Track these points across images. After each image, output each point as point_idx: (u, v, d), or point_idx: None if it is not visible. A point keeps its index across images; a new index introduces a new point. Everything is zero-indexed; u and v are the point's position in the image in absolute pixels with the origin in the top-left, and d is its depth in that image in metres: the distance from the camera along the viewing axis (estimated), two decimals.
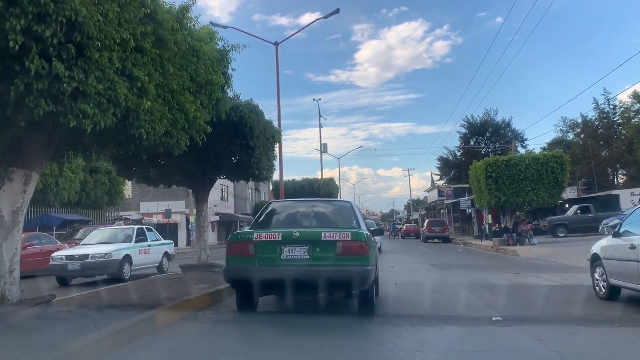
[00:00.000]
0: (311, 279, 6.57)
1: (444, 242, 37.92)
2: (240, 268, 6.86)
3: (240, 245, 6.91)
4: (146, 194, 44.18)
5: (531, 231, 26.87)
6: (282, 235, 6.75)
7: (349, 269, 6.54)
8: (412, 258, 21.68)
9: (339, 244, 6.59)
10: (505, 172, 25.33)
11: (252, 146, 11.71)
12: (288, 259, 6.63)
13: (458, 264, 17.83)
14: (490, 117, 57.89)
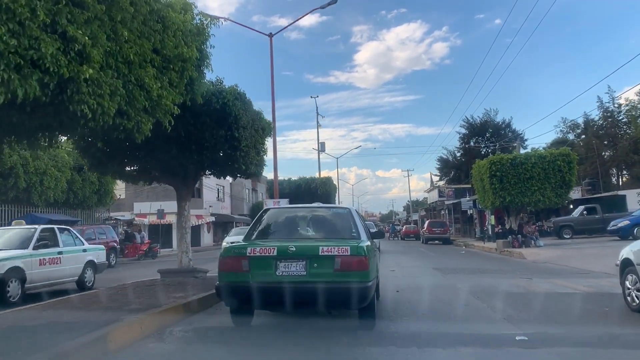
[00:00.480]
0: (308, 297, 6.18)
1: (444, 243, 36.70)
2: (233, 285, 6.38)
3: (233, 261, 6.43)
4: (140, 194, 42.97)
5: (537, 233, 25.61)
6: (277, 250, 6.30)
7: (348, 286, 6.09)
8: (413, 261, 20.44)
9: (338, 259, 6.13)
10: (510, 171, 24.07)
11: (238, 138, 10.45)
12: (284, 275, 6.18)
13: (463, 268, 16.58)
14: (490, 117, 56.95)
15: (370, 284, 6.26)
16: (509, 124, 57.39)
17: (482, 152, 55.78)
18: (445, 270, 15.60)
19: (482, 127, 55.86)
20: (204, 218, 44.59)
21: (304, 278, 6.12)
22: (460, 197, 42.56)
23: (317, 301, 6.11)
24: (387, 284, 11.39)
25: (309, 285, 6.08)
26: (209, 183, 46.77)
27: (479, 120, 56.33)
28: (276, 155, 21.81)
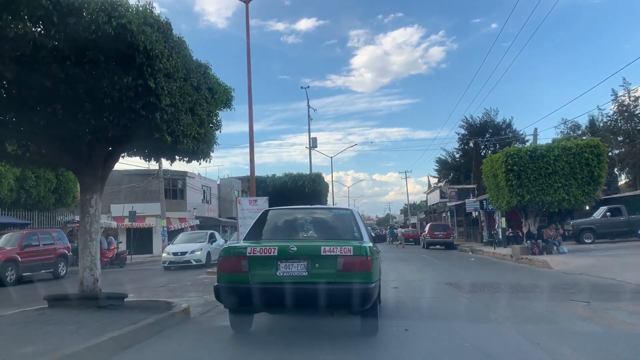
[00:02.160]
0: (309, 298, 5.75)
1: (447, 248, 32.76)
2: (232, 286, 5.94)
3: (232, 261, 5.97)
4: (116, 195, 38.95)
5: (559, 237, 21.68)
6: (278, 249, 5.87)
7: (351, 287, 5.67)
8: (418, 272, 16.46)
9: (340, 259, 5.72)
10: (529, 165, 20.16)
11: (156, 90, 6.50)
12: (285, 276, 5.77)
13: (485, 283, 12.61)
14: (490, 117, 53.82)
15: (373, 285, 5.90)
16: (510, 124, 54.25)
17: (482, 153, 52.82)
18: (463, 288, 11.64)
19: (482, 128, 52.79)
20: (188, 221, 40.59)
21: (306, 279, 5.77)
22: (463, 198, 38.65)
23: (318, 303, 5.72)
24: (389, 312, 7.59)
25: (310, 286, 5.72)
26: (194, 184, 42.79)
27: (479, 120, 53.35)
28: (252, 143, 17.93)
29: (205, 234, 23.31)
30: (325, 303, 5.70)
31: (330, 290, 5.66)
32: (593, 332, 6.69)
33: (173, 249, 21.88)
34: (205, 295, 10.55)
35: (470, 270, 17.19)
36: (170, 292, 11.70)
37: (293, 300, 5.72)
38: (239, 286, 5.87)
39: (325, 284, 5.67)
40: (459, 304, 9.43)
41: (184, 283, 13.93)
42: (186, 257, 20.97)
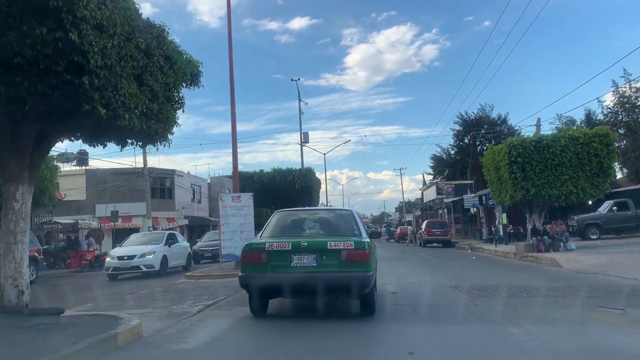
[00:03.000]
0: (318, 285, 6.68)
1: (445, 246, 31.28)
2: (254, 275, 6.95)
3: (253, 254, 7.01)
4: (102, 195, 37.28)
5: (567, 233, 20.20)
6: (291, 244, 6.88)
7: (353, 275, 6.70)
8: (417, 272, 14.91)
9: (344, 252, 6.75)
10: (534, 156, 18.65)
11: (80, 46, 4.93)
12: (297, 266, 6.78)
13: (492, 286, 11.06)
14: (485, 113, 52.39)
15: (371, 273, 6.91)
16: (505, 120, 52.85)
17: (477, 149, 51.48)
18: (470, 291, 10.10)
19: (477, 123, 51.39)
20: (176, 221, 38.93)
21: (315, 268, 6.73)
22: (460, 194, 37.20)
23: (325, 288, 6.75)
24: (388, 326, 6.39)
25: (319, 275, 6.69)
26: (183, 182, 41.14)
27: (474, 116, 51.94)
28: (235, 135, 16.38)
29: (162, 234, 19.45)
30: (331, 288, 6.91)
31: (336, 278, 6.75)
32: None
33: (119, 252, 17.42)
34: (172, 306, 8.97)
35: (474, 271, 15.69)
36: (136, 301, 10.13)
37: (305, 286, 6.82)
38: (260, 275, 6.88)
39: (331, 272, 6.74)
40: (470, 313, 7.88)
41: (156, 289, 12.35)
42: (134, 262, 16.72)
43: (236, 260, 15.47)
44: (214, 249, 21.90)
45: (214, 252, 21.90)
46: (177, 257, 18.59)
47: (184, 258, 19.50)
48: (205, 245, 24.55)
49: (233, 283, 12.61)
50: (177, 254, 18.79)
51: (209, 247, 23.44)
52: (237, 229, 15.33)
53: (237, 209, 15.43)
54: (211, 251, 22.93)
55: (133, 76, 5.86)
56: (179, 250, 19.21)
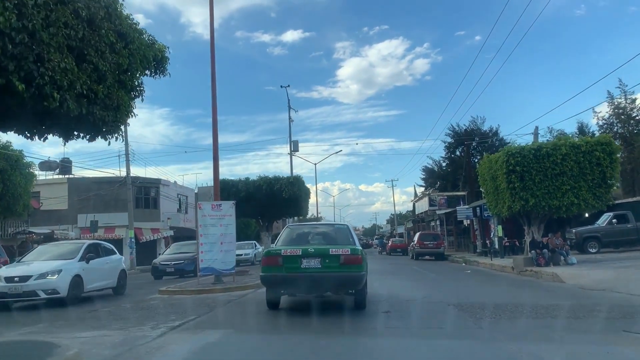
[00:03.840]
0: (322, 281, 8.51)
1: (437, 259, 30.14)
2: (273, 274, 8.65)
3: (272, 258, 8.74)
4: (85, 204, 35.85)
5: (567, 246, 19.16)
6: (301, 250, 8.60)
7: (349, 274, 8.49)
8: (413, 288, 13.69)
9: (342, 257, 8.45)
10: (534, 165, 17.64)
11: None
12: (306, 268, 8.47)
13: (496, 304, 9.88)
14: (477, 125, 51.71)
15: (363, 273, 8.78)
16: (497, 132, 52.19)
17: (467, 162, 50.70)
18: (471, 311, 8.93)
19: (469, 136, 50.69)
20: (161, 232, 37.52)
21: (320, 269, 8.46)
22: (454, 205, 36.15)
23: (328, 285, 8.63)
24: None
25: (323, 274, 8.45)
26: (169, 192, 39.79)
27: (465, 128, 51.23)
28: (216, 140, 15.21)
29: (79, 245, 13.60)
30: (333, 284, 8.55)
31: (336, 276, 8.41)
32: None
33: (8, 272, 12.03)
34: (132, 328, 7.70)
35: (472, 286, 14.55)
36: (94, 321, 8.86)
37: (312, 283, 8.43)
38: (277, 274, 8.52)
39: (333, 272, 8.38)
40: (476, 337, 6.73)
41: (123, 306, 11.06)
42: (29, 285, 11.36)
43: (216, 274, 14.26)
44: (179, 264, 20.53)
45: (179, 267, 20.48)
46: (100, 277, 13.36)
47: (114, 277, 14.05)
48: (168, 259, 21.14)
49: (209, 300, 11.41)
50: (101, 273, 13.43)
51: (173, 261, 20.79)
52: (217, 240, 14.09)
53: (217, 219, 14.21)
54: (175, 266, 20.57)
55: (68, 48, 4.71)
56: (104, 266, 13.70)
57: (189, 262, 20.22)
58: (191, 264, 19.80)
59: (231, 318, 8.86)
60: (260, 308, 9.79)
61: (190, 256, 20.08)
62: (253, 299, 11.55)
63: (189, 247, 21.50)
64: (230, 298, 11.54)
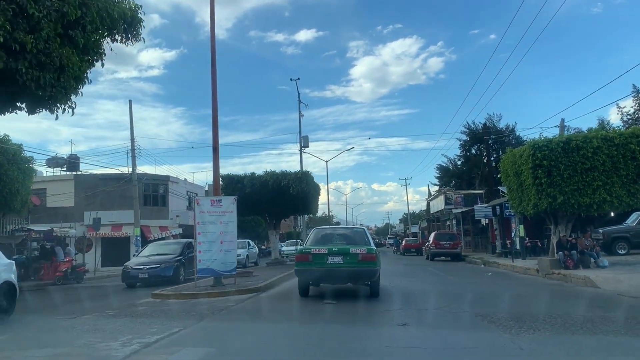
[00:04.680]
0: (344, 275, 10.48)
1: (454, 260, 28.63)
2: (304, 268, 10.66)
3: (304, 255, 10.69)
4: (92, 201, 34.86)
5: (598, 247, 17.58)
6: (327, 249, 10.56)
7: (366, 269, 10.40)
8: (431, 293, 12.30)
9: (360, 255, 10.39)
10: (562, 159, 16.07)
11: None
12: (331, 263, 10.36)
13: (528, 314, 8.44)
14: (493, 122, 49.86)
15: (377, 268, 10.56)
16: (513, 130, 50.33)
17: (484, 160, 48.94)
18: (504, 324, 7.48)
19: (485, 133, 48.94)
20: (169, 230, 36.42)
21: (342, 264, 10.34)
22: (471, 204, 34.55)
23: (349, 277, 10.62)
24: None
25: (344, 269, 10.33)
26: (178, 190, 38.70)
27: (481, 126, 49.44)
28: (217, 135, 13.95)
29: None
30: (352, 277, 10.69)
31: (355, 270, 10.42)
32: None
33: None
34: (100, 343, 6.40)
35: (497, 291, 13.07)
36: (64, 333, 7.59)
37: (335, 275, 10.55)
38: (307, 268, 10.62)
39: (352, 267, 10.37)
40: None
41: (106, 312, 9.76)
42: None
43: (215, 276, 12.98)
44: (154, 268, 16.55)
45: (154, 272, 16.44)
46: None
47: None
48: (141, 263, 17.04)
49: (203, 306, 10.12)
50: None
51: (147, 265, 16.76)
52: (217, 239, 12.81)
53: (217, 215, 12.93)
54: (149, 271, 16.52)
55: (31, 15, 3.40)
56: None
57: (167, 267, 16.67)
58: (169, 269, 16.59)
59: (219, 332, 7.53)
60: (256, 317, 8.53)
61: (170, 259, 17.12)
62: (251, 306, 10.32)
63: (170, 247, 18.37)
64: (226, 304, 10.24)
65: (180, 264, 17.32)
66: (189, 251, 17.65)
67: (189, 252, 17.47)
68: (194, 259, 13.71)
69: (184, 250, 18.03)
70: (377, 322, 8.05)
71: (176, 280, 16.24)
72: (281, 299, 11.58)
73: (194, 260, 13.12)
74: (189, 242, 18.51)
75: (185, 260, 17.59)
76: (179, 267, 17.19)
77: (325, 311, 9.26)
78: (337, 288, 11.87)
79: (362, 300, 10.72)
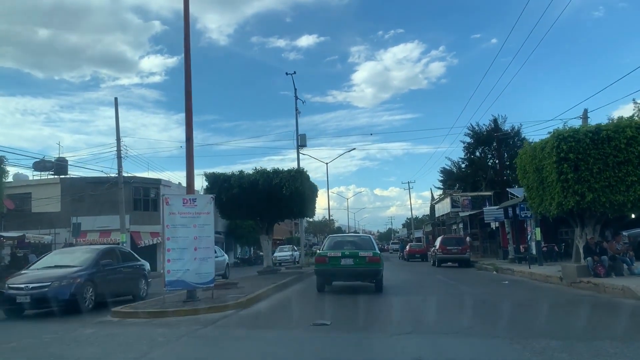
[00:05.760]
0: (354, 273, 13.11)
1: (461, 265, 26.39)
2: (322, 269, 13.23)
3: (322, 258, 13.37)
4: (78, 206, 32.77)
5: (631, 252, 15.37)
6: (341, 253, 13.12)
7: (372, 268, 12.89)
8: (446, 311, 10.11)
9: (367, 257, 12.91)
10: (591, 152, 13.89)
11: None
12: (344, 264, 12.90)
13: (581, 342, 6.31)
14: (497, 124, 47.70)
15: (381, 268, 13.18)
16: (519, 132, 48.13)
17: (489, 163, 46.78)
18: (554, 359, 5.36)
19: (489, 135, 46.81)
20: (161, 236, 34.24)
21: (353, 266, 12.85)
22: (478, 207, 32.34)
23: (358, 275, 13.23)
24: None
25: (355, 269, 12.89)
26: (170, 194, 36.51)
27: (485, 128, 47.29)
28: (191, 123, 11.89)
29: None
30: (361, 276, 13.23)
31: (363, 270, 12.91)
32: None
33: None
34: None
35: (524, 305, 10.82)
36: None
37: (347, 274, 13.22)
38: (324, 268, 13.15)
39: (361, 267, 12.84)
40: None
41: (44, 337, 7.61)
42: None
43: (188, 289, 10.82)
44: (41, 288, 10.41)
45: (39, 295, 10.35)
46: None
47: None
48: (25, 281, 10.68)
49: (163, 329, 7.95)
50: None
51: (32, 284, 10.59)
52: (190, 245, 10.64)
53: (190, 217, 10.77)
54: (32, 292, 10.41)
55: None
56: None
57: (61, 287, 10.59)
58: (64, 290, 10.55)
59: None
60: (224, 347, 6.37)
61: (69, 274, 10.96)
62: (222, 331, 7.98)
63: (74, 257, 12.29)
64: (193, 327, 8.00)
65: (87, 281, 11.09)
66: (106, 262, 12.18)
67: (107, 264, 12.21)
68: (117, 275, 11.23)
69: (97, 261, 11.88)
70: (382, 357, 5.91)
71: (76, 306, 10.49)
72: (263, 319, 9.34)
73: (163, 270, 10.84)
74: (108, 249, 13.49)
75: (99, 277, 11.56)
76: (84, 286, 10.95)
77: (315, 338, 7.09)
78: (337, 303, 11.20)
79: (362, 320, 8.59)
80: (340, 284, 14.38)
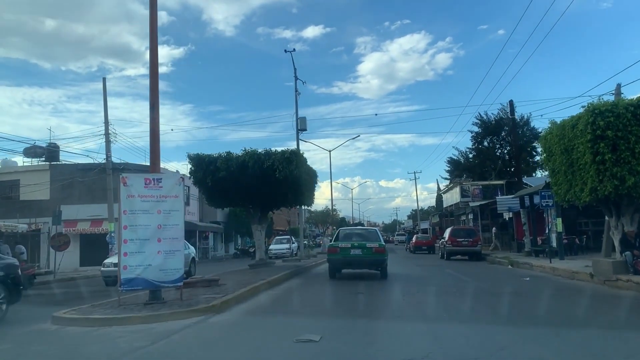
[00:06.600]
0: (362, 262, 14.54)
1: (472, 258, 24.34)
2: (334, 258, 14.80)
3: (334, 249, 14.85)
4: (68, 195, 30.89)
5: None
6: (350, 244, 14.48)
7: (378, 258, 14.33)
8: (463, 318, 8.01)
9: (374, 248, 14.35)
10: (633, 129, 11.73)
11: None
12: (353, 254, 14.29)
13: None
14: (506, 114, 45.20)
15: (385, 258, 14.55)
16: (528, 121, 45.73)
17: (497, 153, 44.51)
18: None
19: (498, 125, 44.45)
20: None
21: (361, 255, 14.26)
22: (490, 197, 30.15)
23: (365, 264, 14.59)
24: None
25: (363, 258, 14.31)
26: None
27: (494, 117, 44.91)
28: (156, 86, 9.83)
29: None
30: (368, 264, 14.55)
31: (370, 259, 14.32)
32: None
33: None
34: None
35: (559, 312, 8.74)
36: None
37: (356, 263, 14.47)
38: (336, 257, 14.62)
39: (368, 257, 14.26)
40: None
41: None
42: None
43: (151, 288, 8.81)
44: None
45: None
46: None
47: None
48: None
49: (104, 343, 6.00)
50: None
51: None
52: (152, 236, 8.61)
53: (154, 201, 8.74)
54: None
55: None
56: None
57: None
58: None
59: None
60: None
61: None
62: (173, 349, 5.90)
63: None
64: (135, 345, 6.00)
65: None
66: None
67: None
68: None
69: None
70: None
71: None
72: (235, 330, 7.13)
73: (118, 264, 8.79)
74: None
75: None
76: None
77: None
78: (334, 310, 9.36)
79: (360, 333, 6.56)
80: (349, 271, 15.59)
